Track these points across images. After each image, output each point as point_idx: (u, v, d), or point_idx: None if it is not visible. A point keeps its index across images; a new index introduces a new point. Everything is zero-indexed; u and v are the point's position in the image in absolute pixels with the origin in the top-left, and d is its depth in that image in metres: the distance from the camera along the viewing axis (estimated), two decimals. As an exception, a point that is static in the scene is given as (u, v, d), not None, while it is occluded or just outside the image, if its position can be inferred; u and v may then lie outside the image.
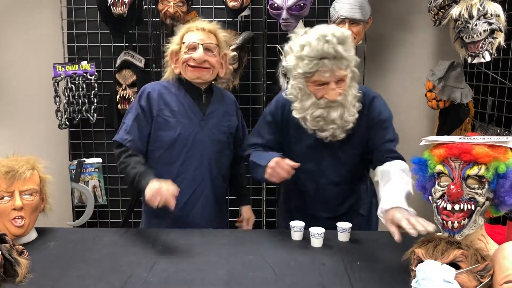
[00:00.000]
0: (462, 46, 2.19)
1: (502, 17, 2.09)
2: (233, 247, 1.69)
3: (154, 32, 2.78)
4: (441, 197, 1.37)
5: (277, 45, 2.64)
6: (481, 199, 1.32)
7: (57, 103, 2.75)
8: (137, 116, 1.90)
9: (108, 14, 2.57)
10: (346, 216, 1.88)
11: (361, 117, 1.78)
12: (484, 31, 2.07)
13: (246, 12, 2.73)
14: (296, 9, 2.49)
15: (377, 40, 3.03)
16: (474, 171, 1.32)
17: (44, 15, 3.00)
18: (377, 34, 2.99)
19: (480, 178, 1.32)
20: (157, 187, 1.64)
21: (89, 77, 2.74)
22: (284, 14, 2.48)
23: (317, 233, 1.69)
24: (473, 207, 1.32)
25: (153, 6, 2.72)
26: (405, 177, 1.63)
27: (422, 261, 1.24)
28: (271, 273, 1.47)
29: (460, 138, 1.39)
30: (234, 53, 2.60)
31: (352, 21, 2.47)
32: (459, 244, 1.24)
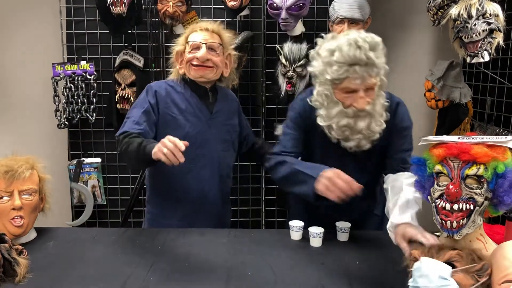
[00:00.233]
0: (461, 46, 2.18)
1: (501, 17, 2.09)
2: (233, 247, 1.69)
3: (153, 32, 2.78)
4: (440, 197, 1.36)
5: (276, 45, 2.66)
6: (480, 199, 1.32)
7: (56, 103, 2.75)
8: (146, 110, 1.84)
9: (107, 14, 2.56)
10: (361, 217, 1.87)
11: (386, 124, 1.71)
12: (483, 31, 2.07)
13: (245, 12, 2.72)
14: (295, 9, 2.49)
15: (376, 40, 3.03)
16: (473, 171, 1.31)
17: (43, 15, 2.99)
18: (376, 34, 2.92)
19: (479, 178, 1.32)
20: (164, 141, 1.51)
21: (88, 77, 2.73)
22: (283, 14, 2.48)
23: (316, 233, 1.69)
24: (472, 207, 1.32)
25: (152, 6, 2.72)
26: (417, 192, 1.58)
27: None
28: (271, 273, 1.47)
29: (459, 138, 1.39)
30: (235, 53, 2.60)
31: (351, 21, 2.46)
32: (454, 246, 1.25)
